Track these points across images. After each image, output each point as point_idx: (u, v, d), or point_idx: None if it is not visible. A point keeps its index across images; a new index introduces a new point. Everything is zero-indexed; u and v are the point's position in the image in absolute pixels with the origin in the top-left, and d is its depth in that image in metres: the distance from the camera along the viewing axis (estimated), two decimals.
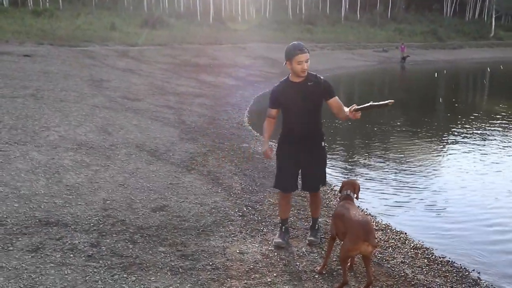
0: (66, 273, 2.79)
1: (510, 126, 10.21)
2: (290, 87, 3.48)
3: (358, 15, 43.36)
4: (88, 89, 9.84)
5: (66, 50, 16.00)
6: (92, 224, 3.54)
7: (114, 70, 13.75)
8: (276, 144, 3.70)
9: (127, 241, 3.32)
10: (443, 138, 8.94)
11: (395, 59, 30.72)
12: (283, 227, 3.76)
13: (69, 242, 3.20)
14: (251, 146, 7.39)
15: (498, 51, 40.20)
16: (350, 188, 3.33)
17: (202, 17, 32.59)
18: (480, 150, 7.82)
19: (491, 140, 8.69)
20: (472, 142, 8.39)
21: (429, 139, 8.84)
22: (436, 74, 23.04)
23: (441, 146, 8.27)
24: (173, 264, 3.08)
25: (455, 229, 4.44)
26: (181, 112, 9.59)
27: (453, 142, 8.53)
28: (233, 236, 3.72)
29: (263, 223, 4.11)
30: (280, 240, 3.65)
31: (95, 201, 4.02)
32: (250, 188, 5.16)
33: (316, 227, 3.88)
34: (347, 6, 42.45)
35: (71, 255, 3.03)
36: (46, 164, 4.78)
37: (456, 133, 9.29)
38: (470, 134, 9.22)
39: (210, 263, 3.17)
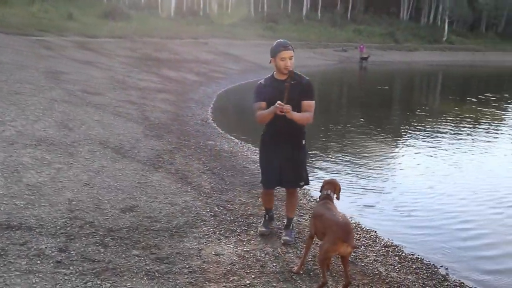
0: (34, 281, 2.59)
1: (467, 126, 10.70)
2: (273, 84, 3.49)
3: (319, 15, 44.00)
4: (45, 82, 9.34)
5: (20, 39, 15.13)
6: (58, 227, 3.33)
7: (72, 62, 13.17)
8: (259, 144, 3.74)
9: (97, 244, 3.15)
10: (406, 139, 9.21)
11: (354, 59, 31.49)
12: (267, 215, 3.89)
13: (35, 247, 2.98)
14: (217, 144, 7.30)
15: (450, 54, 42.19)
16: (331, 188, 3.33)
17: (163, 10, 31.88)
18: (442, 150, 8.12)
19: (451, 140, 9.08)
20: (433, 142, 8.71)
21: (392, 140, 9.10)
22: (393, 76, 23.80)
23: (405, 146, 8.51)
24: (148, 268, 2.95)
25: (422, 227, 4.58)
26: (144, 108, 9.33)
27: (415, 142, 8.81)
28: (207, 237, 3.64)
29: (236, 223, 4.05)
30: (264, 229, 3.82)
31: (60, 201, 3.80)
32: (220, 187, 5.09)
33: (291, 227, 3.88)
34: (308, 6, 42.96)
35: (38, 262, 2.82)
36: (4, 162, 4.47)
37: (417, 134, 9.63)
38: (431, 134, 9.58)
39: (187, 266, 3.07)
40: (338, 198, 3.39)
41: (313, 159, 6.99)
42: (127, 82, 12.31)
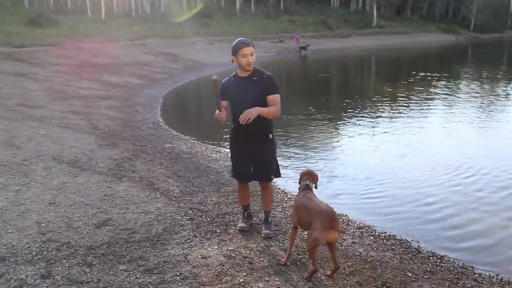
0: None
1: (411, 106, 11.34)
2: (237, 82, 3.53)
3: (253, 8, 44.24)
4: None
5: None
6: (34, 253, 3.14)
7: (2, 75, 12.32)
8: (229, 140, 3.77)
9: (81, 265, 3.02)
10: (359, 124, 9.49)
11: (291, 49, 32.05)
12: (245, 212, 3.94)
13: (14, 278, 2.80)
14: (175, 146, 7.19)
15: (381, 38, 44.17)
16: (309, 178, 3.42)
17: (93, 13, 30.53)
18: (393, 132, 8.56)
19: (398, 121, 9.59)
20: (383, 125, 9.18)
21: (345, 126, 9.44)
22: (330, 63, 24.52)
23: (359, 131, 8.74)
24: (140, 281, 2.88)
25: (389, 206, 4.82)
26: (91, 117, 8.97)
27: (367, 126, 9.16)
28: (189, 242, 3.60)
29: (214, 224, 4.04)
30: (244, 224, 3.88)
31: (27, 226, 3.58)
32: (188, 189, 5.03)
33: (269, 220, 3.94)
34: None
35: None
36: None
37: (366, 118, 10.04)
38: (378, 117, 10.06)
39: (178, 273, 3.03)
40: (316, 187, 3.49)
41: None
42: (67, 91, 11.74)
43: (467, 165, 6.17)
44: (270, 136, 3.65)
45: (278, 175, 3.79)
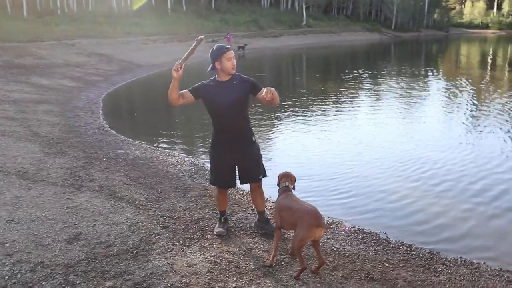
0: None
1: (350, 103, 11.88)
2: (219, 86, 3.51)
3: (184, 7, 43.58)
4: None
5: None
6: (7, 277, 2.88)
7: None
8: (210, 147, 3.73)
9: (63, 285, 2.83)
10: (307, 124, 9.80)
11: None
12: (222, 218, 3.94)
13: None
14: (128, 152, 6.94)
15: (311, 37, 45.69)
16: (288, 180, 3.49)
17: (13, 10, 28.27)
18: (341, 129, 8.93)
19: (345, 118, 10.00)
20: (332, 123, 9.52)
21: (295, 125, 9.64)
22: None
23: (311, 131, 8.98)
24: None
25: (353, 201, 5.04)
26: (29, 123, 8.37)
27: (316, 125, 9.47)
28: (170, 251, 3.52)
29: (190, 231, 3.98)
30: (221, 229, 3.87)
31: None
32: (154, 197, 4.90)
33: (267, 218, 3.98)
34: None
35: None
36: None
37: (310, 117, 10.36)
38: (324, 115, 10.41)
39: (169, 285, 2.95)
40: (294, 189, 3.57)
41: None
42: None
43: (419, 158, 6.60)
44: (253, 138, 3.71)
45: (265, 174, 3.83)
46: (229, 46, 3.54)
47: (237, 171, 3.73)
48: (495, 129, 8.56)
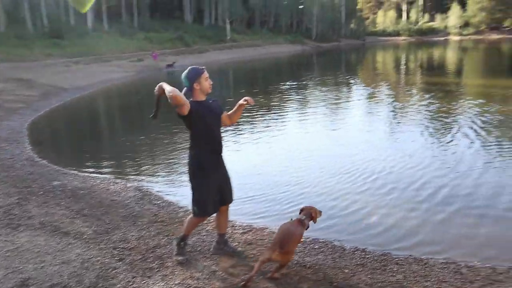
0: None
1: (280, 114, 12.21)
2: (203, 107, 3.50)
3: (105, 26, 42.22)
4: None
5: None
6: None
7: None
8: (193, 175, 3.60)
9: None
10: (244, 134, 9.92)
11: (152, 67, 31.37)
12: (183, 242, 3.84)
13: None
14: (66, 183, 6.56)
15: (236, 51, 46.34)
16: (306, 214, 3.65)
17: None
18: (279, 139, 9.14)
19: (284, 130, 10.26)
20: (273, 135, 9.70)
21: (236, 137, 9.71)
22: None
23: (248, 142, 9.16)
24: None
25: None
26: None
27: (256, 136, 9.61)
28: (132, 285, 3.39)
29: (148, 260, 3.87)
30: (181, 257, 3.79)
31: None
32: (102, 228, 4.69)
33: (226, 239, 4.00)
34: (92, 16, 40.67)
35: None
36: None
37: (252, 129, 10.50)
38: (263, 126, 10.59)
39: None
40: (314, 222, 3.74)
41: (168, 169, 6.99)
42: None
43: (358, 162, 6.95)
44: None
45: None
46: (203, 67, 3.60)
47: None
48: (423, 128, 9.37)
